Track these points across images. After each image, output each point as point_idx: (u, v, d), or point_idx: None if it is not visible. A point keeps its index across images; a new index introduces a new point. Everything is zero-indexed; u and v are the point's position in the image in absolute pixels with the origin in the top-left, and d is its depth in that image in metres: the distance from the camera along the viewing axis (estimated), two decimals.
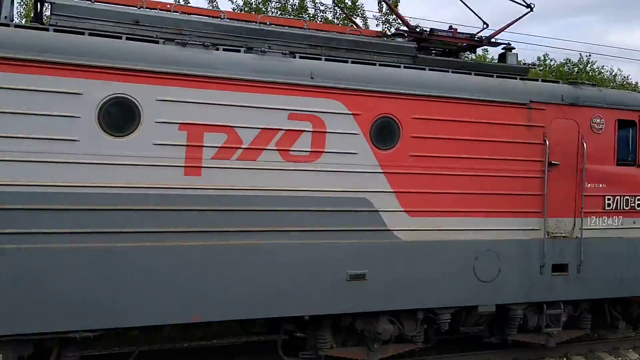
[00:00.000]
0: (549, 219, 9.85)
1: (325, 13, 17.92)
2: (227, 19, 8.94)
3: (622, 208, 10.38)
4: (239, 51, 8.38)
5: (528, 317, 10.05)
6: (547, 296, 9.89)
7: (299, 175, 8.40)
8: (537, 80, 10.26)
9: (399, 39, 9.78)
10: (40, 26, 7.78)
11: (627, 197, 10.41)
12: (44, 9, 9.14)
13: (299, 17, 16.85)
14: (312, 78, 8.50)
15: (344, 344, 9.30)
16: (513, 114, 9.67)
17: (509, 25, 10.60)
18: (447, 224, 9.19)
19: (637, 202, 10.51)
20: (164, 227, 7.70)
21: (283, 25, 9.16)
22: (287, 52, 8.61)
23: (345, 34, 9.49)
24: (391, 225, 8.86)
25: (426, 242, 9.04)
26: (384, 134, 8.89)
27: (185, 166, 7.82)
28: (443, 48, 10.44)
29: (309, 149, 8.47)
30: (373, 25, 18.80)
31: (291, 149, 8.38)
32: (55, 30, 7.57)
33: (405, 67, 9.30)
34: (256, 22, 8.96)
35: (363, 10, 18.18)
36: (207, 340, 11.62)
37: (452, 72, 9.58)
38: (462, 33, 10.33)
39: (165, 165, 7.73)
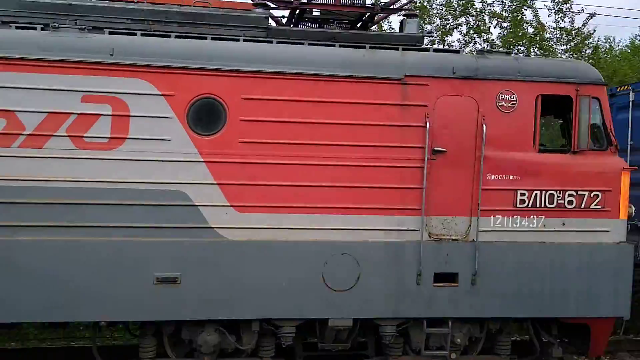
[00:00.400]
0: (432, 217, 8.09)
1: None
2: None
3: (544, 206, 8.32)
4: (35, 29, 7.64)
5: (411, 336, 8.35)
6: (426, 312, 8.14)
7: (96, 164, 7.50)
8: (427, 50, 8.50)
9: (259, 10, 8.50)
10: None
11: (552, 192, 8.33)
12: None
13: None
14: (111, 55, 7.55)
15: (185, 355, 8.27)
16: (383, 91, 8.05)
17: None
18: (287, 221, 7.82)
19: (567, 199, 8.38)
20: None
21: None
22: (86, 27, 7.72)
23: (181, 5, 8.39)
24: (213, 222, 7.69)
25: (260, 242, 7.75)
26: (205, 117, 7.74)
27: None
28: (330, 18, 8.98)
29: (108, 135, 7.54)
30: None
31: (86, 135, 7.50)
32: None
33: (245, 41, 8.04)
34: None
35: None
36: None
37: (313, 44, 8.15)
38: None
39: None
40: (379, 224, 7.98)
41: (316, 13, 8.99)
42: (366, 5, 8.83)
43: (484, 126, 8.15)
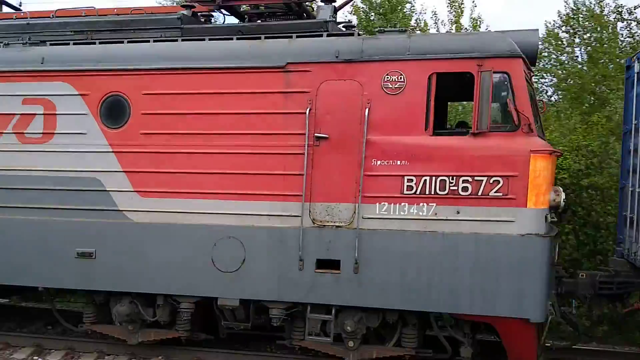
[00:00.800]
0: (316, 204, 8.07)
1: None
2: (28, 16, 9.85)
3: (435, 193, 7.74)
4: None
5: (310, 320, 8.39)
6: (309, 297, 8.13)
7: (34, 156, 8.98)
8: (319, 36, 8.37)
9: (184, 12, 9.18)
10: None
11: (444, 178, 7.71)
12: None
13: None
14: (42, 63, 8.93)
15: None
16: (267, 80, 8.22)
17: None
18: (181, 205, 8.48)
19: (462, 185, 7.69)
20: None
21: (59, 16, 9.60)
22: (28, 42, 9.19)
23: (108, 15, 9.39)
24: (122, 205, 8.68)
25: (158, 224, 8.54)
26: (113, 112, 8.73)
27: None
28: (259, 12, 9.30)
29: (42, 131, 8.96)
30: None
31: (26, 131, 9.01)
32: None
33: (155, 41, 8.83)
34: (50, 17, 9.68)
35: None
36: None
37: (214, 39, 8.63)
38: None
39: None
40: (264, 209, 8.23)
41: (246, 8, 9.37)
42: None
43: (367, 110, 7.86)
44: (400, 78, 7.85)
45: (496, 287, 7.57)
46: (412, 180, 7.77)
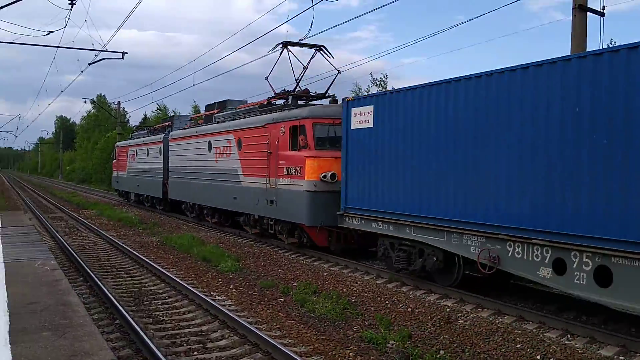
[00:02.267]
0: (269, 178, 20.39)
1: None
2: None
3: (288, 173, 19.21)
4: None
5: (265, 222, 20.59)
6: (267, 214, 20.40)
7: (220, 162, 23.63)
8: None
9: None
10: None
11: (291, 167, 19.14)
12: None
13: None
14: (228, 127, 23.50)
15: None
16: (260, 129, 20.88)
17: None
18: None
19: (292, 170, 18.96)
20: None
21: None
22: (225, 119, 23.90)
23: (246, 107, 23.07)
24: (241, 178, 22.57)
25: (247, 187, 22.14)
26: (240, 145, 22.61)
27: None
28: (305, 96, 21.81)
29: (221, 152, 23.57)
30: None
31: (219, 154, 23.74)
32: None
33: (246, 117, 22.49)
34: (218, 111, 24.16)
35: None
36: None
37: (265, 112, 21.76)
38: None
39: None
40: (260, 181, 20.97)
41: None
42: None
43: (277, 140, 19.90)
44: (282, 128, 19.57)
45: (299, 211, 18.65)
46: (285, 169, 19.42)
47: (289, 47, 21.09)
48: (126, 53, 30.35)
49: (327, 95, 20.56)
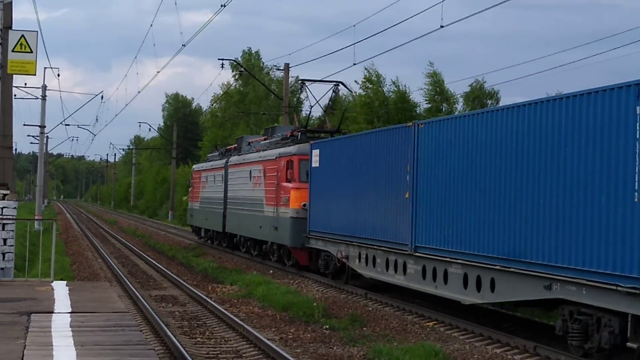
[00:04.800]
0: (272, 206, 23.93)
1: None
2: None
3: (281, 203, 22.68)
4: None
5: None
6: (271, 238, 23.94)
7: (255, 190, 27.52)
8: None
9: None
10: None
11: (284, 196, 22.61)
12: None
13: None
14: (260, 157, 27.39)
15: None
16: (273, 162, 24.51)
17: None
18: None
19: (284, 198, 22.41)
20: None
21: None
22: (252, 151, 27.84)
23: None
24: (265, 207, 26.28)
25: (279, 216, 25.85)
26: (266, 175, 26.40)
27: None
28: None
29: (257, 181, 27.46)
30: None
31: (254, 183, 27.67)
32: None
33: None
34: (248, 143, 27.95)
35: None
36: None
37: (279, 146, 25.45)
38: None
39: None
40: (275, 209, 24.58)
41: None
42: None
43: (283, 172, 23.49)
44: (282, 162, 23.08)
45: (284, 234, 22.04)
46: (282, 198, 22.90)
47: (305, 83, 24.71)
48: None
49: (339, 130, 23.70)
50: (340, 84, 24.41)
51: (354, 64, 28.52)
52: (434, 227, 13.24)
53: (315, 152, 19.26)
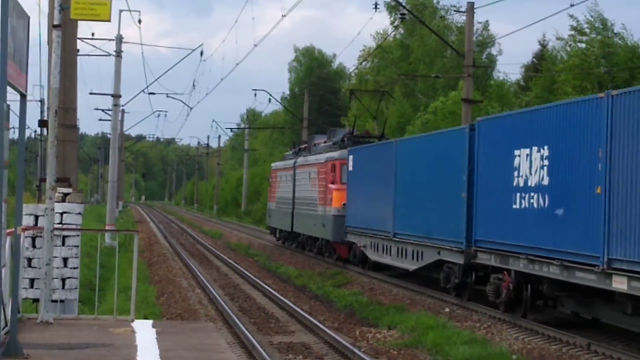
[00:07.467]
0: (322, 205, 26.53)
1: None
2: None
3: (328, 202, 25.27)
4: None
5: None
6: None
7: (313, 190, 30.20)
8: None
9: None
10: None
11: (328, 195, 25.21)
12: None
13: None
14: (320, 160, 30.06)
15: None
16: (325, 164, 27.10)
17: None
18: None
19: (329, 198, 25.00)
20: None
21: None
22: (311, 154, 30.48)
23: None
24: (318, 206, 28.94)
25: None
26: (318, 177, 29.04)
27: None
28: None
29: (313, 182, 30.12)
30: None
31: (310, 182, 30.34)
32: None
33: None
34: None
35: None
36: None
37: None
38: None
39: None
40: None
41: None
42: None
43: (331, 174, 26.06)
44: (329, 165, 25.63)
45: (328, 230, 24.62)
46: (327, 197, 25.48)
47: (354, 93, 27.24)
48: None
49: (383, 135, 26.12)
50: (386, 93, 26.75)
51: (572, 5, 18.96)
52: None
53: (351, 157, 21.90)
